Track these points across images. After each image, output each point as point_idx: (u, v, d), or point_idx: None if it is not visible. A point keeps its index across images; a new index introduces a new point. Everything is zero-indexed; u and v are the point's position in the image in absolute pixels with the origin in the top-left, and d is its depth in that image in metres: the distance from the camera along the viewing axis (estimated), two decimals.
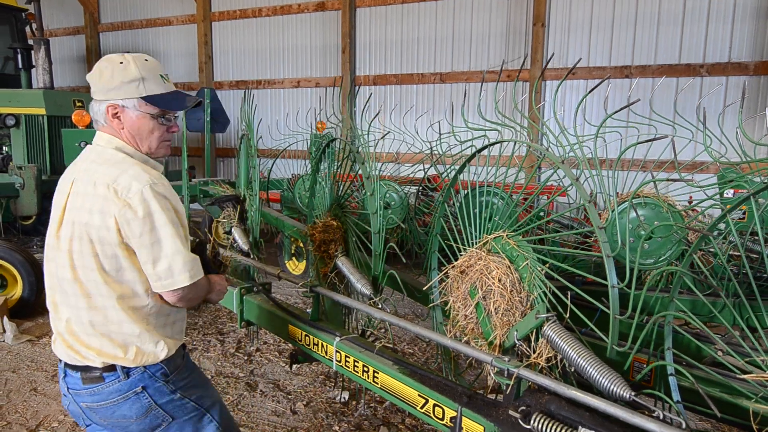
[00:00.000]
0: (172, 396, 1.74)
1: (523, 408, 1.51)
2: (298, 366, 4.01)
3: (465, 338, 1.99)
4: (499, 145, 2.10)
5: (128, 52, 1.79)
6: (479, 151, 2.24)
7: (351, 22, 8.85)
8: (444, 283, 2.19)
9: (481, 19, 8.08)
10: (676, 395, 1.82)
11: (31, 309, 5.09)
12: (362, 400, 3.56)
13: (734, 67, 6.85)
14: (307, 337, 2.48)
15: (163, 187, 1.67)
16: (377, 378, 2.04)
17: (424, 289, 2.52)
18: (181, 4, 10.47)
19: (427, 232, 2.66)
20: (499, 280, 1.84)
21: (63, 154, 5.19)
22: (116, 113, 1.72)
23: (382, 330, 2.78)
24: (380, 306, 2.41)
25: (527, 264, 1.82)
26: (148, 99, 1.71)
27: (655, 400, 1.89)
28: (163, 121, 1.76)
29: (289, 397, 3.66)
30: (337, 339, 2.30)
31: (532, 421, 1.47)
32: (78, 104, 6.45)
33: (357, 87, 8.91)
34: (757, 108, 6.77)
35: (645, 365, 1.97)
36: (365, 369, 2.11)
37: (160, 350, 1.70)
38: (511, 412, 1.53)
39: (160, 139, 1.77)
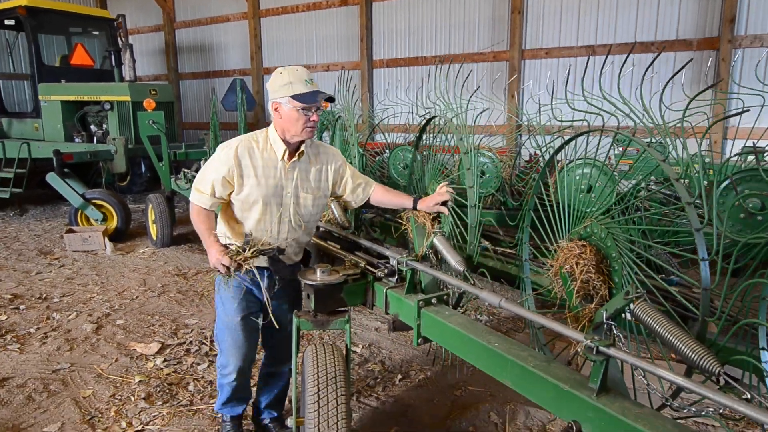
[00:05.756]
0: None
1: None
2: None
3: None
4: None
5: (286, 66, 2.36)
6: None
7: (368, 15, 10.60)
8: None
9: (471, 8, 9.57)
10: None
11: (122, 235, 7.49)
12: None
13: (680, 43, 7.96)
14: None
15: (234, 144, 2.34)
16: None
17: None
18: (236, 3, 12.63)
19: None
20: None
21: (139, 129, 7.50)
22: (276, 108, 2.31)
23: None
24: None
25: None
26: (295, 97, 2.25)
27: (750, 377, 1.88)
28: (305, 113, 2.28)
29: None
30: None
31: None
32: (152, 92, 8.75)
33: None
34: (699, 80, 7.84)
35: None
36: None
37: None
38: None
39: (303, 126, 2.30)
